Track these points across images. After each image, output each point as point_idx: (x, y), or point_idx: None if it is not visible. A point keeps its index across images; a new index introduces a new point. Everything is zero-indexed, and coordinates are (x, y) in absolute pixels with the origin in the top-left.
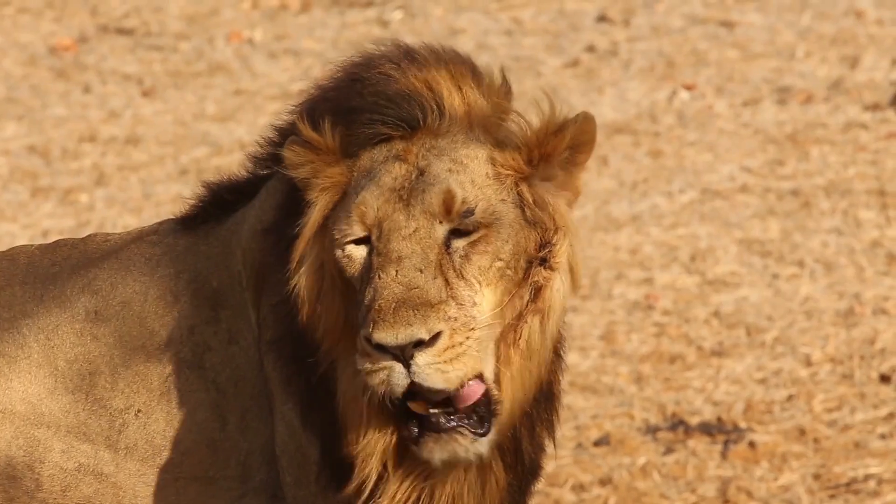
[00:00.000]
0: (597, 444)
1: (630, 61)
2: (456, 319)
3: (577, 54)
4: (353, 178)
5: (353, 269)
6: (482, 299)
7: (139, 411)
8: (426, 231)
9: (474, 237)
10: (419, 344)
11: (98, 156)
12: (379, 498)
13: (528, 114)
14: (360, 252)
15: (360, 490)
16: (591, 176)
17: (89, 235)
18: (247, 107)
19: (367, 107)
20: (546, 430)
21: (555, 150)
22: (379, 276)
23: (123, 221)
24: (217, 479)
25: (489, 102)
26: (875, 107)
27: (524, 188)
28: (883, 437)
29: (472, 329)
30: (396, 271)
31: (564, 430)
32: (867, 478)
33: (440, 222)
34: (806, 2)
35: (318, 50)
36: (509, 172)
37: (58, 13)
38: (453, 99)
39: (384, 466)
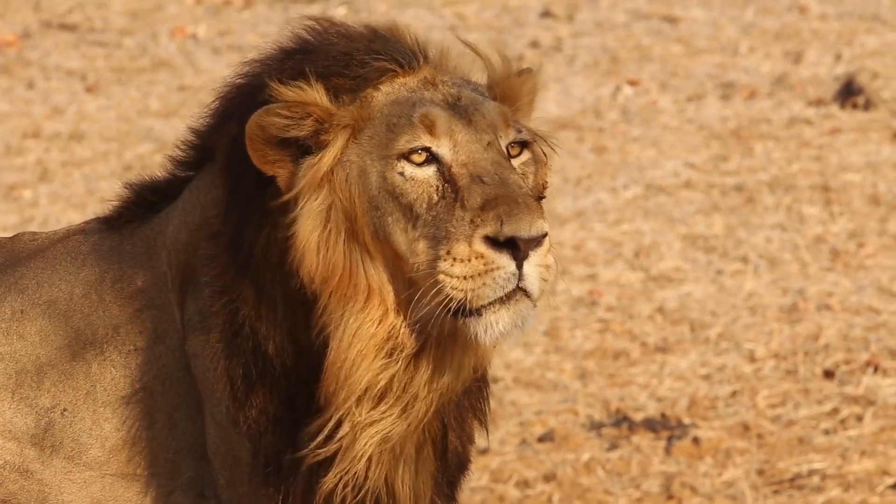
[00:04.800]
0: (541, 440)
1: (574, 57)
2: None
3: (520, 50)
4: (369, 115)
5: (418, 190)
6: None
7: (65, 410)
8: (497, 144)
9: (524, 157)
10: (538, 243)
11: (42, 152)
12: (342, 437)
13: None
14: (424, 172)
15: (323, 428)
16: None
17: (17, 234)
18: (191, 102)
19: (365, 46)
20: (477, 419)
21: (520, 93)
22: (482, 179)
23: (67, 217)
24: (144, 476)
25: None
26: (819, 102)
27: (525, 124)
28: (826, 432)
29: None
30: (497, 174)
31: (508, 427)
32: (811, 473)
33: (501, 137)
34: None
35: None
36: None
37: (0, 9)
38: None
39: (358, 405)
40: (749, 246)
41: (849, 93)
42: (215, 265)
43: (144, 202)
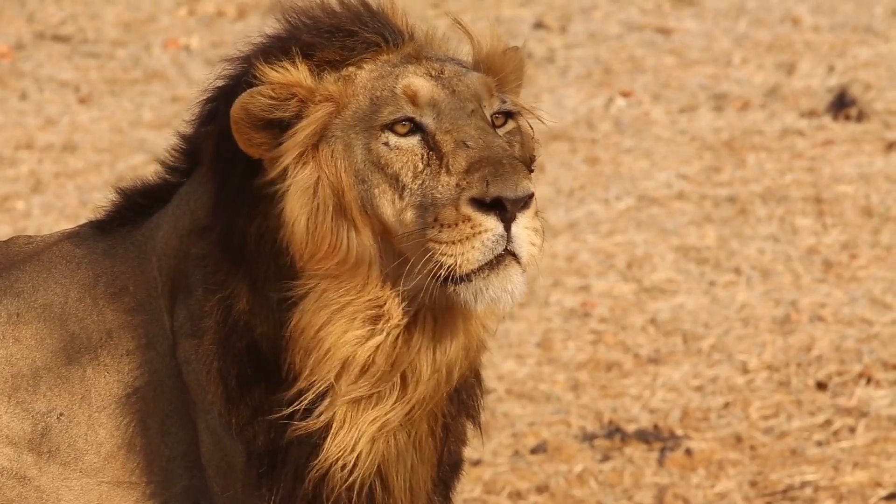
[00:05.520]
0: (533, 451)
1: (567, 68)
2: None
3: None
4: (353, 91)
5: (403, 159)
6: None
7: (61, 414)
8: (481, 112)
9: (509, 126)
10: (525, 205)
11: (35, 163)
12: (327, 406)
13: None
14: (409, 142)
15: (304, 395)
16: None
17: (11, 238)
18: (184, 113)
19: (352, 19)
20: (470, 419)
21: (505, 68)
22: (466, 144)
23: (60, 228)
24: (139, 484)
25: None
26: (811, 113)
27: (510, 97)
28: (819, 444)
29: None
30: (481, 138)
31: (501, 438)
32: (803, 485)
33: (486, 106)
34: (742, 8)
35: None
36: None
37: None
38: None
39: (338, 378)
40: (742, 257)
41: (841, 104)
42: (207, 263)
43: (136, 206)
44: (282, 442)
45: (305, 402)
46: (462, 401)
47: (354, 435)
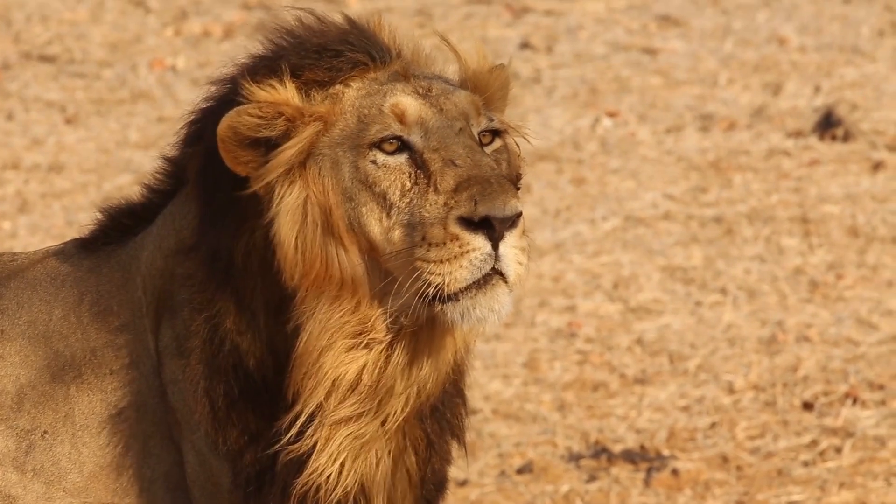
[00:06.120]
0: (520, 471)
1: (553, 88)
2: None
3: None
4: (340, 110)
5: (391, 178)
6: None
7: (45, 433)
8: (469, 130)
9: (496, 145)
10: (513, 224)
11: (21, 183)
12: (315, 428)
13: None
14: (396, 160)
15: (295, 422)
16: None
17: None
18: (170, 134)
19: (339, 38)
20: (455, 437)
21: (492, 86)
22: (454, 162)
23: None
24: None
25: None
26: (798, 134)
27: (496, 115)
28: (805, 464)
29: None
30: (469, 157)
31: (487, 458)
32: None
33: (473, 125)
34: (728, 29)
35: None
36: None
37: None
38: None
39: (328, 397)
40: (728, 277)
41: (828, 124)
42: (193, 282)
43: (120, 225)
44: (269, 462)
45: (298, 425)
46: (446, 419)
47: (335, 450)
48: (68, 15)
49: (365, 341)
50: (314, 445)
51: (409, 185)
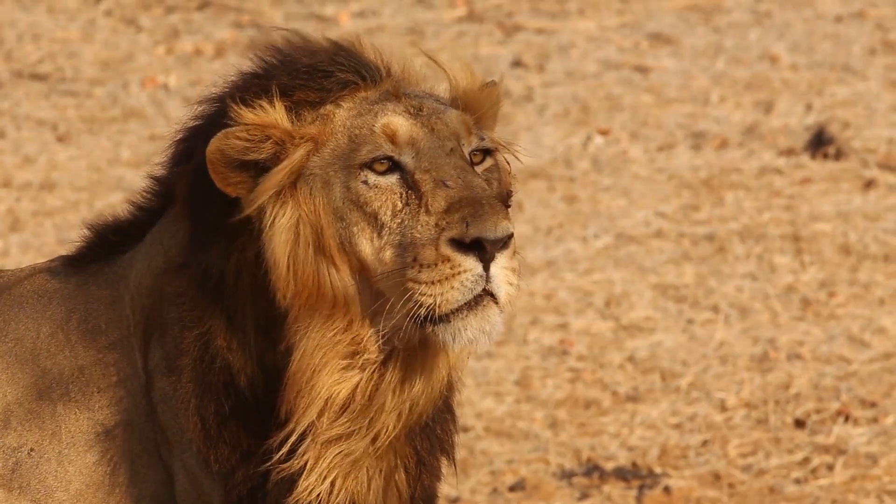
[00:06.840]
0: (512, 489)
1: (545, 106)
2: None
3: None
4: (331, 130)
5: (382, 198)
6: None
7: (32, 450)
8: (460, 150)
9: (487, 164)
10: (504, 245)
11: (13, 201)
12: (306, 448)
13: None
14: (388, 181)
15: (286, 440)
16: None
17: None
18: (161, 152)
19: (328, 59)
20: (445, 454)
21: (482, 104)
22: (446, 183)
23: None
24: None
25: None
26: (790, 152)
27: (487, 133)
28: (797, 481)
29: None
30: (461, 178)
31: (479, 476)
32: None
33: (464, 144)
34: (720, 47)
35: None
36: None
37: None
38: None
39: (320, 416)
40: (720, 295)
41: (819, 142)
42: (183, 300)
43: (107, 242)
44: (261, 480)
45: (289, 443)
46: (437, 436)
47: (326, 468)
48: (60, 33)
49: (360, 362)
50: (305, 464)
51: (400, 205)
